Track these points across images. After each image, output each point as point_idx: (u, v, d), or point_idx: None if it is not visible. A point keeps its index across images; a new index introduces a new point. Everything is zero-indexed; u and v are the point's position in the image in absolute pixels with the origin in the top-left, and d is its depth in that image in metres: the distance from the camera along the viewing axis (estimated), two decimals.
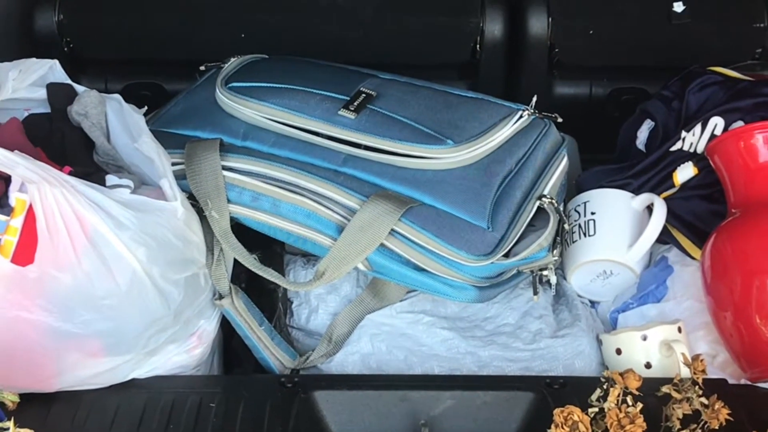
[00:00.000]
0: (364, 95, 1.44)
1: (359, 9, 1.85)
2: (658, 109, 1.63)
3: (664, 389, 1.19)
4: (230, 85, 1.48)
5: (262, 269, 1.39)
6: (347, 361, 1.41)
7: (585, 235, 1.50)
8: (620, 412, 1.13)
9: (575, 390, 1.24)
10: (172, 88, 1.82)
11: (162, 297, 1.24)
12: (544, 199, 1.40)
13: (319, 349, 1.42)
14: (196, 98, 1.53)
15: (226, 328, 1.43)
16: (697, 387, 1.19)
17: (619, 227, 1.50)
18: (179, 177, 1.34)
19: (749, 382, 1.34)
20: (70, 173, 1.22)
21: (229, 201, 1.39)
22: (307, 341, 1.47)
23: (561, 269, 1.53)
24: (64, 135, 1.39)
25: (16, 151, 1.17)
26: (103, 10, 1.84)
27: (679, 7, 1.81)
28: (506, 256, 1.35)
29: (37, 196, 1.16)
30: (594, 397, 1.16)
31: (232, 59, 1.57)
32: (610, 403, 1.14)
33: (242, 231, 1.40)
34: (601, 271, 1.50)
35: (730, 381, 1.34)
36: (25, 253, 1.18)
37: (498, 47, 1.85)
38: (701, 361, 1.21)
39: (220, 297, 1.39)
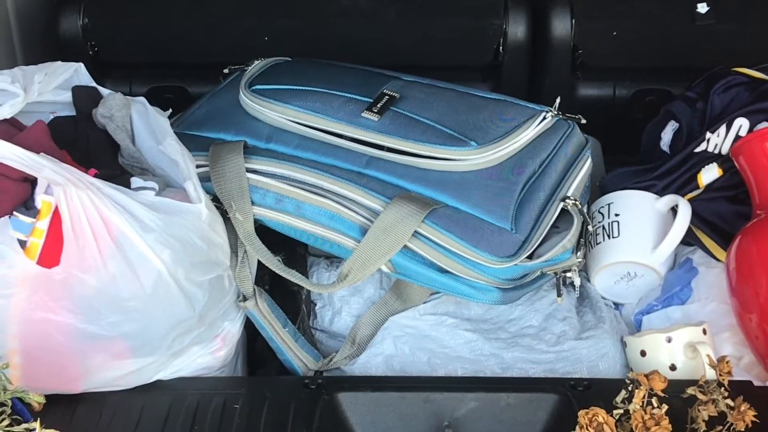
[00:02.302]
0: (387, 97, 1.44)
1: (382, 11, 1.85)
2: (682, 110, 1.63)
3: (690, 391, 1.19)
4: (254, 87, 1.48)
5: (285, 271, 1.39)
6: (370, 363, 1.41)
7: (609, 236, 1.50)
8: (645, 413, 1.12)
9: (599, 392, 1.24)
10: (196, 91, 1.82)
11: (186, 299, 1.25)
12: (567, 200, 1.40)
13: (343, 351, 1.43)
14: (220, 101, 1.54)
15: (250, 329, 1.44)
16: (722, 389, 1.18)
17: (643, 229, 1.50)
18: (203, 179, 1.35)
19: None
20: (96, 176, 1.23)
21: (252, 203, 1.39)
22: (330, 343, 1.48)
23: (585, 271, 1.52)
24: (90, 137, 1.39)
25: (41, 153, 1.18)
26: (127, 13, 1.85)
27: (703, 8, 1.80)
28: (530, 257, 1.35)
29: (62, 199, 1.17)
30: (619, 398, 1.16)
31: (256, 62, 1.57)
32: (635, 405, 1.13)
33: (266, 233, 1.41)
34: (626, 272, 1.49)
35: (756, 383, 1.33)
36: (50, 255, 1.19)
37: (521, 49, 1.85)
38: (727, 362, 1.20)
39: (244, 299, 1.39)
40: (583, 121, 1.46)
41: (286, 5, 1.85)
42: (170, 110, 1.44)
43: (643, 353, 1.38)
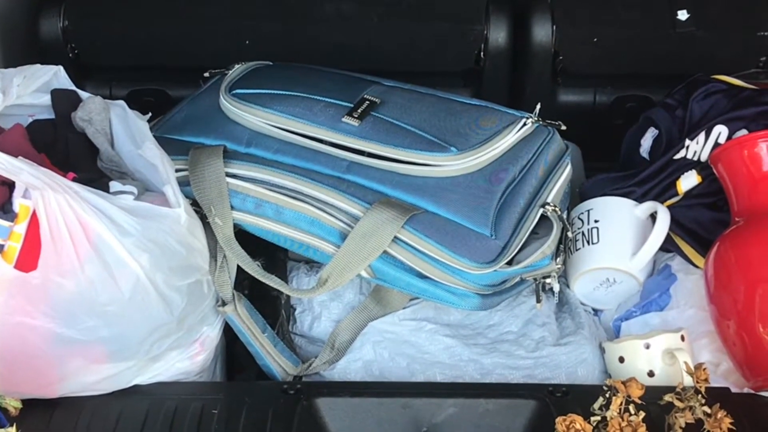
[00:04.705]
0: (367, 102, 1.44)
1: (364, 16, 1.85)
2: (661, 117, 1.63)
3: (667, 398, 1.19)
4: (234, 91, 1.48)
5: (265, 276, 1.38)
6: (350, 368, 1.41)
7: (588, 242, 1.51)
8: (623, 420, 1.13)
9: (578, 398, 1.24)
10: (177, 94, 1.82)
11: (165, 303, 1.25)
12: (547, 206, 1.40)
13: (322, 356, 1.43)
14: (200, 105, 1.53)
15: (229, 334, 1.44)
16: (699, 396, 1.18)
17: (622, 235, 1.50)
18: (183, 183, 1.34)
19: (752, 391, 1.34)
20: (74, 179, 1.23)
21: (232, 208, 1.39)
22: (309, 348, 1.47)
23: (564, 277, 1.53)
24: (68, 141, 1.39)
25: (20, 157, 1.17)
26: (107, 16, 1.84)
27: (683, 15, 1.81)
28: (509, 263, 1.35)
29: (40, 203, 1.17)
30: (596, 405, 1.16)
31: (237, 66, 1.57)
32: (612, 412, 1.14)
33: (245, 238, 1.40)
34: (605, 279, 1.50)
35: (733, 390, 1.34)
36: (28, 259, 1.19)
37: (502, 55, 1.85)
38: (704, 370, 1.20)
39: (223, 303, 1.39)
40: (564, 128, 1.46)
41: (267, 9, 1.85)
42: (150, 114, 1.44)
43: (621, 359, 1.39)
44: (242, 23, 1.84)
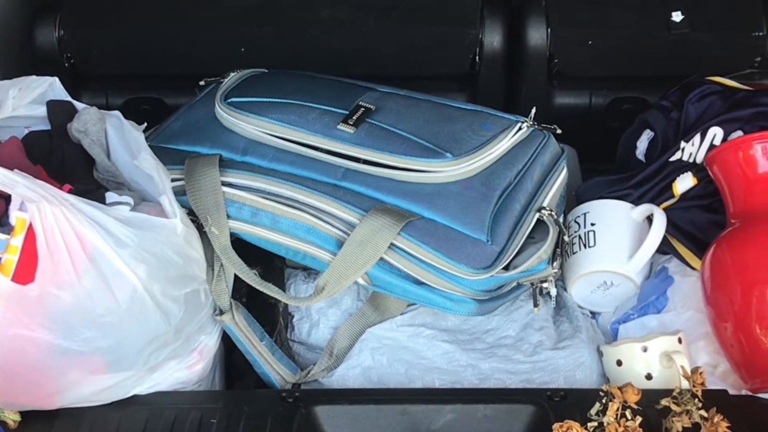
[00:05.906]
0: (363, 109, 1.44)
1: (359, 21, 1.85)
2: (657, 119, 1.63)
3: (664, 402, 1.19)
4: (229, 100, 1.48)
5: (262, 284, 1.39)
6: (348, 374, 1.41)
7: (585, 246, 1.51)
8: (619, 426, 1.13)
9: (576, 402, 1.24)
10: (173, 102, 1.82)
11: (162, 313, 1.25)
12: (543, 211, 1.40)
13: (320, 363, 1.43)
14: (195, 114, 1.53)
15: (227, 343, 1.44)
16: (696, 400, 1.18)
17: (619, 238, 1.50)
18: (179, 193, 1.35)
19: (750, 393, 1.34)
20: (70, 191, 1.23)
21: (228, 216, 1.39)
22: (308, 355, 1.48)
23: (561, 280, 1.53)
24: (64, 152, 1.39)
25: (15, 169, 1.18)
26: (103, 25, 1.85)
27: (677, 17, 1.81)
28: (506, 269, 1.35)
29: (36, 215, 1.17)
30: (593, 411, 1.16)
31: (232, 74, 1.57)
32: (609, 418, 1.14)
33: (242, 246, 1.41)
34: (602, 282, 1.50)
35: (731, 392, 1.33)
36: (25, 271, 1.19)
37: (497, 58, 1.86)
38: (700, 374, 1.21)
39: (221, 312, 1.39)
40: (559, 131, 1.46)
41: (263, 15, 1.85)
42: (145, 124, 1.44)
43: (619, 362, 1.39)
44: (238, 30, 1.84)
